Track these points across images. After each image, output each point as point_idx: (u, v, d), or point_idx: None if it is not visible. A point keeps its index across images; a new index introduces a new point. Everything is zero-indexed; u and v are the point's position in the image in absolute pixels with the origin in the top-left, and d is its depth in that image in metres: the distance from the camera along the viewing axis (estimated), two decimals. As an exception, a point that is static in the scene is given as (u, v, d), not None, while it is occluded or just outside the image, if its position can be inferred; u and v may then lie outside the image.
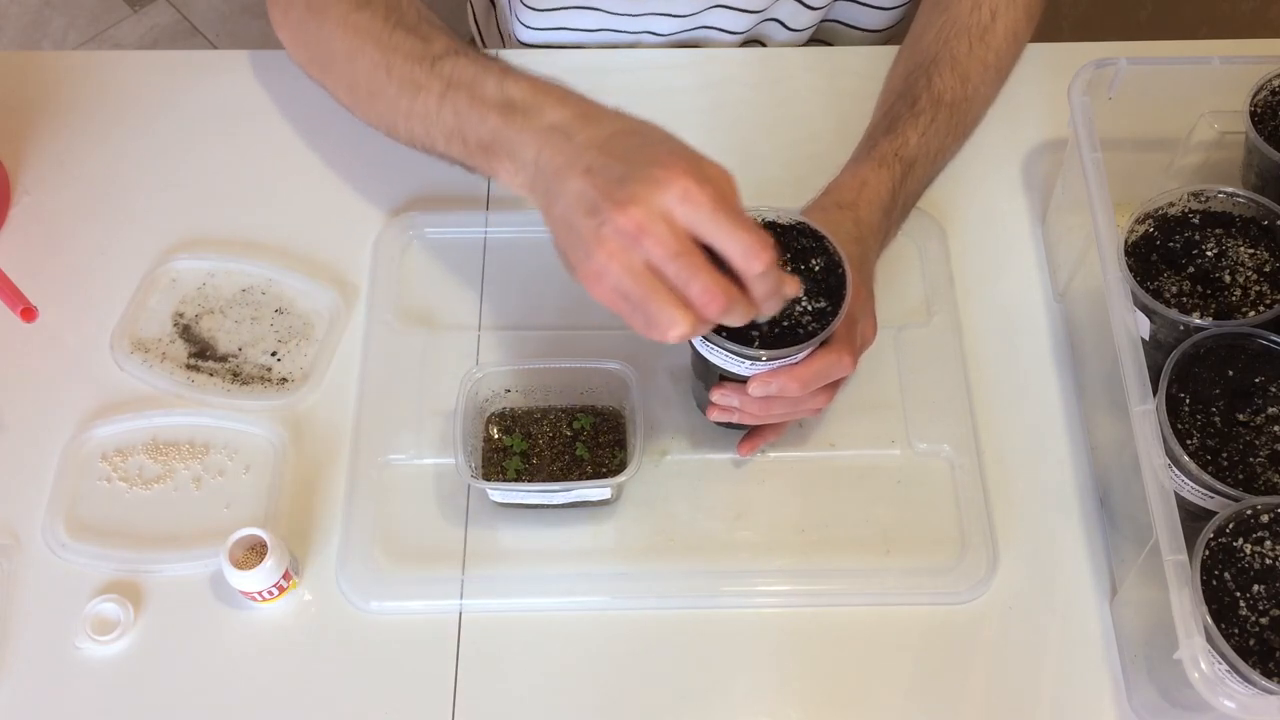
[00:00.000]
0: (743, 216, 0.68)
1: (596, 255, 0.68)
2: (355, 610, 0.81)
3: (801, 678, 0.80)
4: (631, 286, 0.68)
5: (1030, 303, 0.94)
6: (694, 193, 0.66)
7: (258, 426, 0.87)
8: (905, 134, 0.88)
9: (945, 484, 0.86)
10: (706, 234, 0.67)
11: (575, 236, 0.70)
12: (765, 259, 0.67)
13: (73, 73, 1.05)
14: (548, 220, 0.73)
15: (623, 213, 0.66)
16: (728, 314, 0.68)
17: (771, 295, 0.70)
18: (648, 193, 0.66)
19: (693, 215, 0.67)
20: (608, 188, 0.68)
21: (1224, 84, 0.87)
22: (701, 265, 0.67)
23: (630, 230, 0.66)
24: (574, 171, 0.70)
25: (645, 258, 0.67)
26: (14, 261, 0.88)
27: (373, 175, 0.99)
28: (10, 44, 2.17)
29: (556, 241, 0.72)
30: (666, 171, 0.67)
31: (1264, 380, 0.76)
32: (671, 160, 0.68)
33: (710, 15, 1.06)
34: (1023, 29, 0.95)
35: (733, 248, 0.67)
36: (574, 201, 0.70)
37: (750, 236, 0.67)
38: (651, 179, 0.67)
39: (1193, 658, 0.66)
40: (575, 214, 0.69)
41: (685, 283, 0.67)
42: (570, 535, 0.84)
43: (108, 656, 0.80)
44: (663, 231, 0.66)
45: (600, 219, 0.67)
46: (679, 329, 0.68)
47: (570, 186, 0.70)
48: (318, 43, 0.91)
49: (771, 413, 0.80)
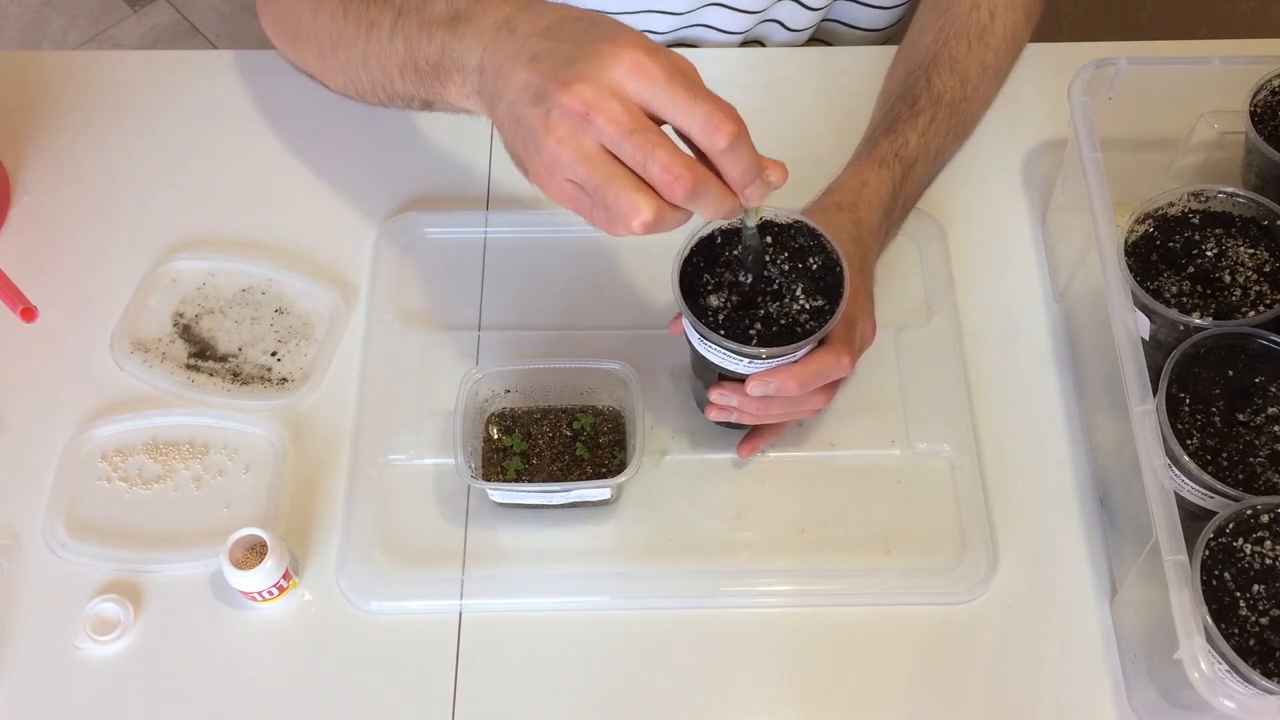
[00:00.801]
0: (702, 88, 0.62)
1: (545, 144, 0.62)
2: (355, 610, 0.81)
3: (801, 678, 0.80)
4: (586, 173, 0.62)
5: (1030, 303, 0.94)
6: (645, 63, 0.61)
7: (258, 426, 0.87)
8: (905, 134, 0.88)
9: (945, 484, 0.86)
10: (661, 108, 0.62)
11: (524, 131, 0.64)
12: (729, 129, 0.62)
13: (73, 73, 1.05)
14: (496, 124, 0.68)
15: (569, 92, 0.61)
16: (697, 196, 0.62)
17: (749, 178, 0.64)
18: (595, 68, 0.61)
19: (645, 88, 0.61)
20: (554, 70, 0.63)
21: (1224, 84, 0.87)
22: (660, 140, 0.61)
23: (578, 109, 0.61)
24: (519, 62, 0.65)
25: (598, 140, 0.62)
26: (14, 261, 0.88)
27: (373, 175, 0.99)
28: (10, 44, 2.17)
29: (506, 143, 0.67)
30: (614, 45, 0.62)
31: (1264, 380, 0.76)
32: (620, 34, 0.63)
33: (707, 14, 1.06)
34: (1022, 29, 0.95)
35: (691, 120, 0.61)
36: (519, 93, 0.64)
37: (710, 105, 0.61)
38: (598, 53, 0.61)
39: (1193, 658, 0.66)
40: (521, 105, 0.64)
41: (643, 162, 0.61)
42: (570, 535, 0.84)
43: (108, 656, 0.80)
44: (614, 108, 0.61)
45: (547, 104, 0.62)
46: (642, 215, 0.62)
47: (515, 79, 0.65)
48: (289, 16, 0.89)
49: (770, 412, 0.79)
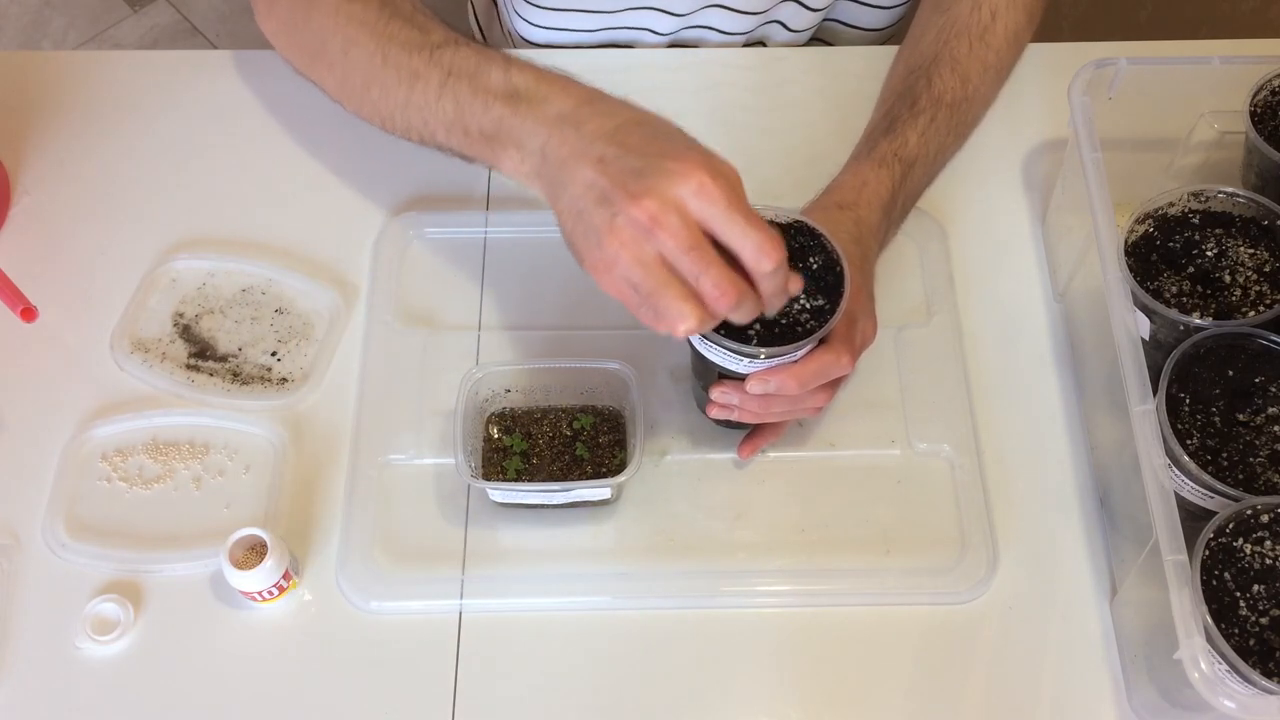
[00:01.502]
0: (754, 214, 0.68)
1: (608, 245, 0.68)
2: (355, 610, 0.81)
3: (801, 678, 0.80)
4: (642, 278, 0.68)
5: (1030, 303, 0.94)
6: (709, 187, 0.66)
7: (258, 426, 0.87)
8: (905, 134, 0.88)
9: (945, 484, 0.86)
10: (719, 229, 0.67)
11: (586, 226, 0.69)
12: (776, 257, 0.68)
13: (73, 73, 1.05)
14: (555, 209, 0.73)
15: (637, 204, 0.66)
16: (737, 309, 0.69)
17: (779, 292, 0.71)
18: (663, 185, 0.66)
19: (707, 210, 0.67)
20: (621, 178, 0.68)
21: (1224, 84, 0.87)
22: (714, 259, 0.67)
23: (644, 221, 0.66)
24: (585, 161, 0.70)
25: (657, 250, 0.67)
26: (14, 261, 0.88)
27: (373, 175, 0.99)
28: (10, 44, 2.17)
29: (565, 231, 0.72)
30: (681, 164, 0.67)
31: (1264, 380, 0.76)
32: (685, 154, 0.68)
33: (708, 15, 1.06)
34: (1023, 29, 0.95)
35: (745, 245, 0.68)
36: (584, 191, 0.69)
37: (763, 234, 0.68)
38: (666, 171, 0.67)
39: (1193, 658, 0.66)
40: (586, 203, 0.69)
41: (697, 276, 0.67)
42: (570, 535, 0.84)
43: (108, 656, 0.80)
44: (676, 224, 0.66)
45: (614, 209, 0.67)
46: (688, 323, 0.68)
47: (581, 176, 0.70)
48: (306, 35, 0.89)
49: (771, 411, 0.79)
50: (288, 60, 0.94)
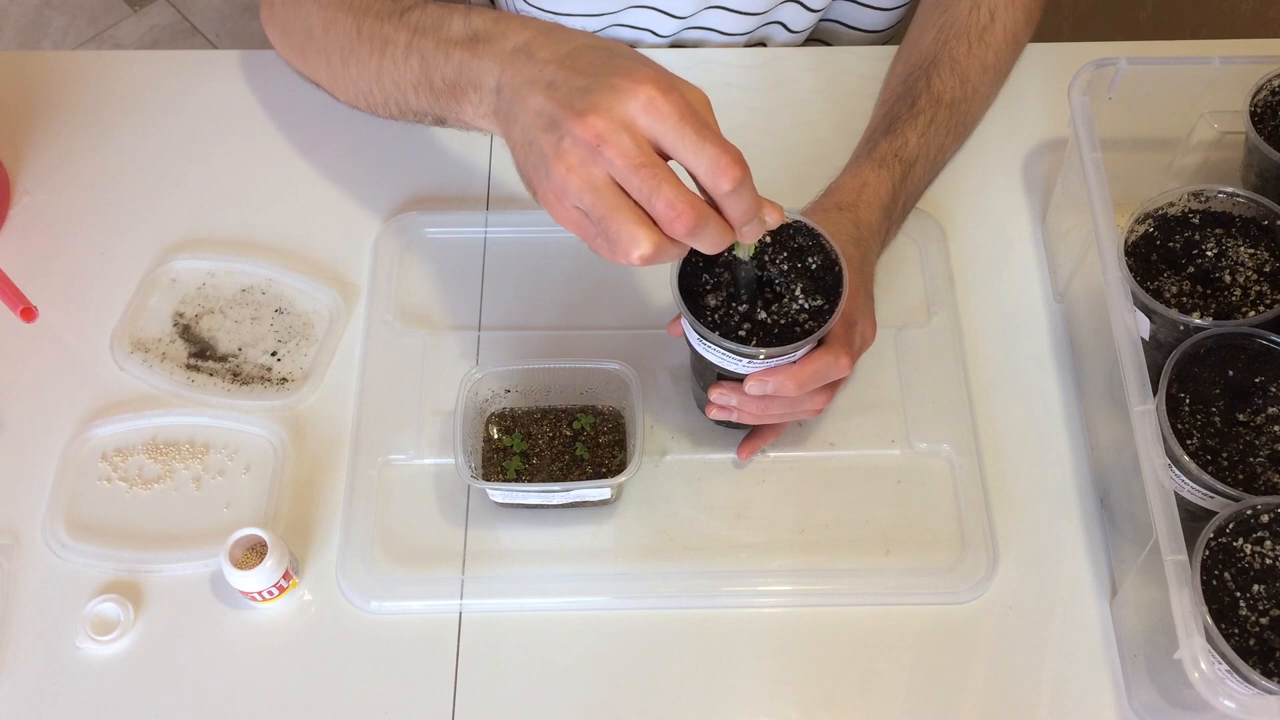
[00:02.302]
0: (711, 128, 0.64)
1: (555, 170, 0.64)
2: (355, 610, 0.81)
3: (801, 678, 0.80)
4: (592, 202, 0.64)
5: (1030, 303, 0.94)
6: (659, 101, 0.62)
7: (258, 426, 0.87)
8: (905, 135, 0.88)
9: (945, 484, 0.86)
10: (670, 146, 0.63)
11: (536, 155, 0.66)
12: (734, 174, 0.63)
13: (73, 73, 1.05)
14: (510, 145, 0.70)
15: (581, 122, 0.63)
16: (697, 233, 0.64)
17: (748, 218, 0.65)
18: (609, 101, 0.63)
19: (657, 125, 0.63)
20: (569, 99, 0.64)
21: (1224, 84, 0.87)
22: (667, 177, 0.63)
23: (589, 140, 0.62)
24: (535, 88, 0.66)
25: (607, 171, 0.63)
26: (14, 261, 0.89)
27: (373, 175, 0.99)
28: (10, 44, 2.17)
29: (518, 164, 0.69)
30: (630, 80, 0.63)
31: (1264, 380, 0.76)
32: (636, 69, 0.64)
33: (708, 16, 1.06)
34: (1022, 30, 0.95)
35: (698, 161, 0.63)
36: (534, 118, 0.66)
37: (717, 148, 0.63)
38: (613, 87, 0.63)
39: (1193, 658, 0.66)
40: (535, 130, 0.66)
41: (648, 196, 0.63)
42: (570, 535, 0.84)
43: (108, 656, 0.80)
44: (625, 141, 0.62)
45: (560, 132, 0.64)
46: (641, 248, 0.63)
47: (531, 103, 0.66)
48: (296, 25, 0.90)
49: (770, 412, 0.79)
50: (287, 61, 0.94)
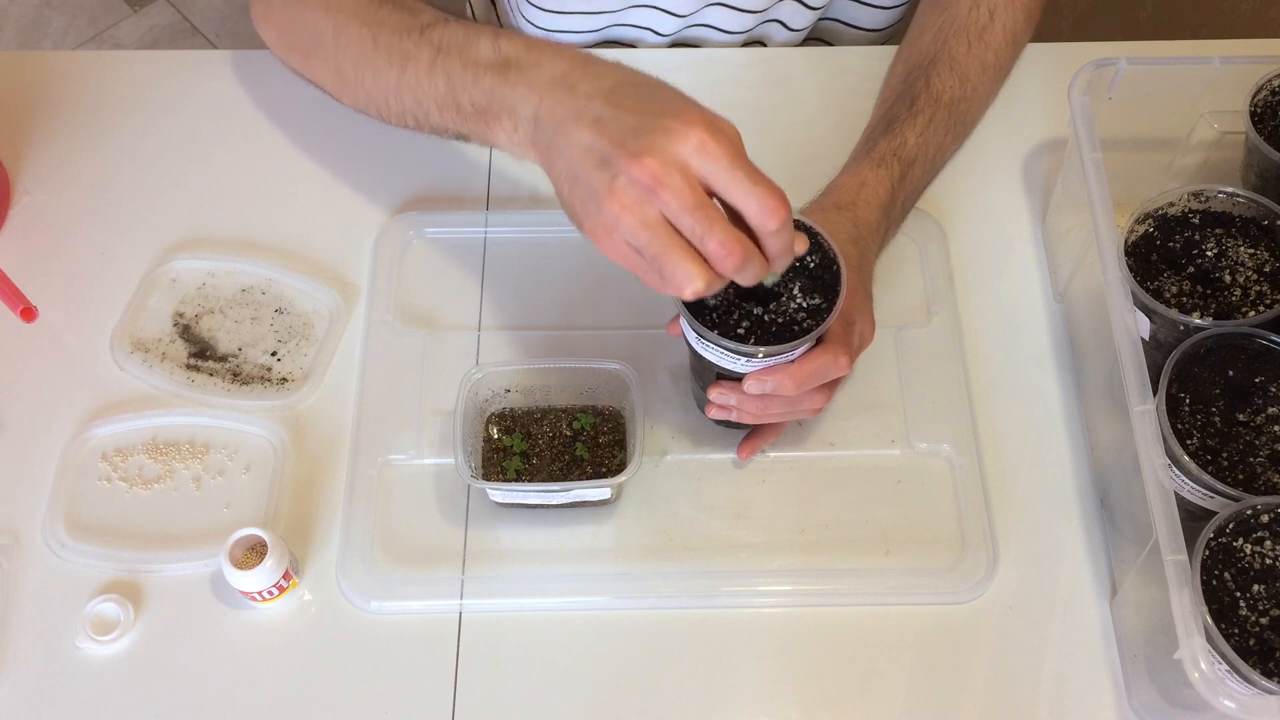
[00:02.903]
0: (758, 171, 0.67)
1: (609, 207, 0.66)
2: (355, 610, 0.81)
3: (802, 678, 0.80)
4: (647, 240, 0.66)
5: (1030, 303, 0.94)
6: (710, 145, 0.65)
7: (258, 426, 0.87)
8: (904, 134, 0.88)
9: (945, 484, 0.86)
10: (722, 187, 0.66)
11: (584, 190, 0.68)
12: (782, 214, 0.66)
13: (73, 73, 1.05)
14: (551, 175, 0.71)
15: (637, 164, 0.65)
16: (743, 269, 0.67)
17: (784, 252, 0.69)
18: (663, 143, 0.65)
19: (709, 167, 0.65)
20: (620, 138, 0.66)
21: (1224, 84, 0.87)
22: (719, 218, 0.66)
23: (645, 181, 0.65)
24: (581, 123, 0.68)
25: (660, 210, 0.65)
26: (14, 261, 0.89)
27: (373, 175, 0.99)
28: (10, 44, 2.17)
29: (562, 197, 0.71)
30: (680, 122, 0.65)
31: (1264, 380, 0.76)
32: (684, 111, 0.66)
33: (709, 14, 1.06)
34: (1021, 29, 0.95)
35: (750, 202, 0.66)
36: (582, 154, 0.68)
37: (767, 191, 0.66)
38: (666, 129, 0.65)
39: (1193, 658, 0.66)
40: (584, 166, 0.67)
41: (702, 236, 0.65)
42: (570, 535, 0.84)
43: (108, 656, 0.80)
44: (679, 183, 0.65)
45: (613, 170, 0.66)
46: (695, 284, 0.66)
47: (577, 138, 0.68)
48: (299, 30, 0.90)
49: (769, 411, 0.79)
50: (286, 63, 0.94)
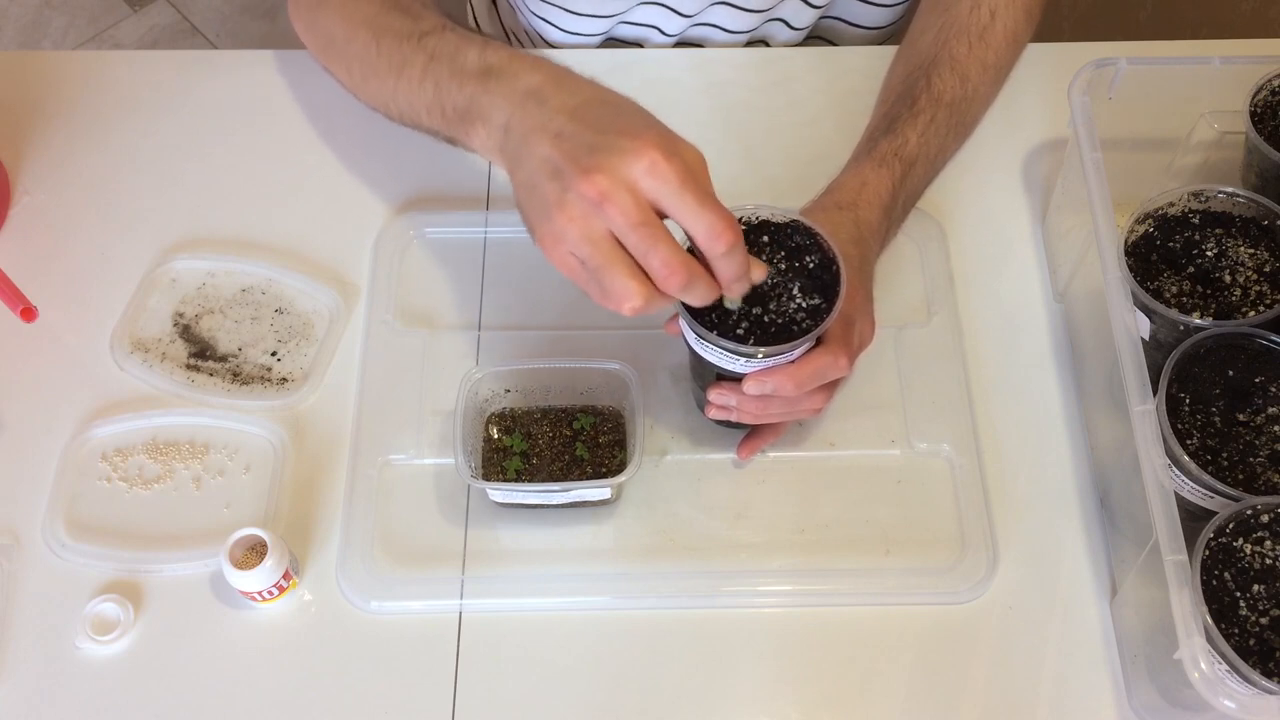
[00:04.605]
0: (709, 195, 0.68)
1: (557, 219, 0.68)
2: (355, 610, 0.81)
3: (802, 678, 0.80)
4: (589, 253, 0.67)
5: (1030, 303, 0.94)
6: (661, 166, 0.66)
7: (258, 426, 0.87)
8: (905, 134, 0.88)
9: (945, 484, 0.86)
10: (671, 209, 0.67)
11: (538, 199, 0.69)
12: (728, 239, 0.67)
13: (73, 73, 1.05)
14: (513, 183, 0.73)
15: (587, 179, 0.66)
16: (688, 290, 0.68)
17: (738, 278, 0.70)
18: (615, 162, 0.66)
19: (658, 188, 0.66)
20: (575, 154, 0.68)
21: (1224, 84, 0.87)
22: (662, 237, 0.67)
23: (593, 196, 0.66)
24: (543, 136, 0.70)
25: (606, 226, 0.67)
26: (14, 261, 0.88)
27: (372, 175, 0.99)
28: (10, 44, 2.17)
29: (519, 203, 0.73)
30: (636, 142, 0.66)
31: (1264, 380, 0.76)
32: (643, 132, 0.67)
33: (714, 13, 1.06)
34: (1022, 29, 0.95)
35: (696, 225, 0.67)
36: (540, 165, 0.69)
37: (714, 215, 0.67)
38: (620, 148, 0.66)
39: (1193, 658, 0.66)
40: (540, 177, 0.69)
41: (645, 253, 0.67)
42: (570, 535, 0.84)
43: (108, 656, 0.80)
44: (626, 201, 0.66)
45: (564, 184, 0.67)
46: (634, 301, 0.68)
47: (538, 151, 0.70)
48: (320, 30, 0.93)
49: (769, 412, 0.79)
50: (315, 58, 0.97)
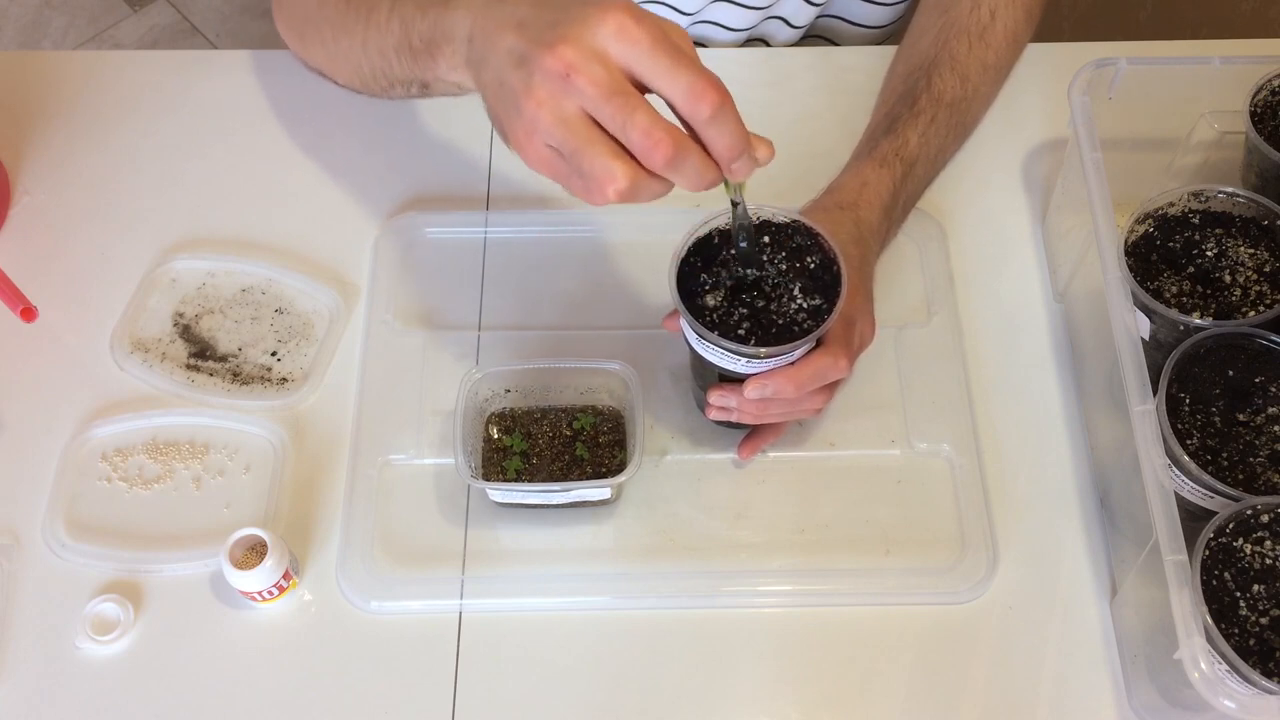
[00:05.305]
0: (686, 54, 0.61)
1: (525, 107, 0.61)
2: (355, 610, 0.81)
3: (802, 678, 0.80)
4: (563, 136, 0.61)
5: (1030, 303, 0.94)
6: (630, 27, 0.59)
7: (258, 426, 0.87)
8: (905, 134, 0.88)
9: (945, 484, 0.86)
10: (644, 73, 0.60)
11: (507, 94, 0.63)
12: (711, 99, 0.60)
13: (73, 73, 1.05)
14: (481, 91, 0.67)
15: (551, 54, 0.60)
16: (677, 164, 0.61)
17: (734, 152, 0.62)
18: (578, 30, 0.60)
19: (629, 52, 0.60)
20: (538, 33, 0.62)
21: (1224, 84, 0.87)
22: (640, 105, 0.60)
23: (559, 70, 0.60)
24: (505, 29, 0.64)
25: (579, 103, 0.60)
26: (14, 261, 0.88)
27: (373, 175, 0.99)
28: (10, 44, 2.17)
29: (489, 109, 0.67)
30: (599, 9, 0.60)
31: (1264, 380, 0.76)
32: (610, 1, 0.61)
33: (715, 11, 1.06)
34: (1022, 29, 0.95)
35: (675, 88, 0.60)
36: (504, 57, 0.63)
37: (694, 73, 0.60)
38: (583, 17, 0.60)
39: (1193, 658, 0.66)
40: (505, 69, 0.63)
41: (622, 126, 0.60)
42: (570, 535, 0.84)
43: (108, 656, 0.80)
44: (596, 70, 0.59)
45: (530, 68, 0.61)
46: (618, 183, 0.61)
47: (501, 44, 0.64)
48: (296, 13, 0.91)
49: (769, 413, 0.80)
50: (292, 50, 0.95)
